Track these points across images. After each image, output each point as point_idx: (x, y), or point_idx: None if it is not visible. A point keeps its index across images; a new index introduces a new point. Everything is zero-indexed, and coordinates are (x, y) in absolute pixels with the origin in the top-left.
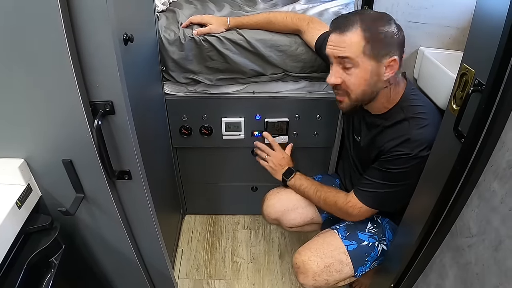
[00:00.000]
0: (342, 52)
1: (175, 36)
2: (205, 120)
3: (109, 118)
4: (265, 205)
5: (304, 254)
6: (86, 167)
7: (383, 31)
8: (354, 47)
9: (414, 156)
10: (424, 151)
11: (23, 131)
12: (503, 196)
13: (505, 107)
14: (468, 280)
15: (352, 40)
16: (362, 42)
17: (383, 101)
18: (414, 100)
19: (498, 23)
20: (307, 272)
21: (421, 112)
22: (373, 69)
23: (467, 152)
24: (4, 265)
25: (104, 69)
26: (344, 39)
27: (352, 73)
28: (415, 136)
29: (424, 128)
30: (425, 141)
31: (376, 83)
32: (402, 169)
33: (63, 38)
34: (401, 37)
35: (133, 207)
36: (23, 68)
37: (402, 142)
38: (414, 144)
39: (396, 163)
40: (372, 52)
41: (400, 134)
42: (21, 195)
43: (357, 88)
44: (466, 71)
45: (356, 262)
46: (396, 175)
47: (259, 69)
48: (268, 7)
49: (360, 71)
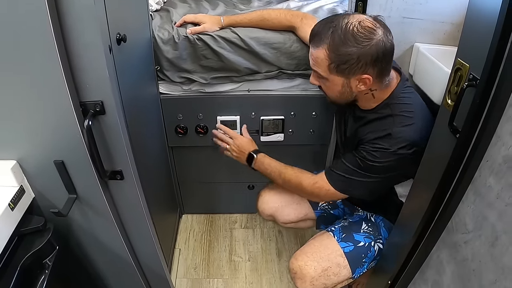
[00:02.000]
0: (313, 65)
1: (169, 35)
2: (201, 119)
3: (100, 118)
4: (260, 201)
5: (301, 259)
6: (78, 168)
7: (352, 52)
8: (321, 64)
9: (392, 152)
10: (404, 149)
11: (14, 133)
12: (499, 191)
13: (500, 101)
14: (465, 276)
15: (319, 56)
16: (326, 61)
17: (367, 102)
18: (403, 99)
19: (492, 18)
20: (304, 278)
21: (407, 110)
22: (343, 83)
23: (462, 147)
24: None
25: (94, 69)
26: (314, 53)
27: (324, 83)
28: (397, 133)
29: (407, 127)
30: (406, 139)
31: (349, 93)
32: (378, 162)
33: (51, 38)
34: (380, 54)
35: (126, 207)
36: (12, 69)
37: (383, 136)
38: (395, 140)
39: (373, 155)
40: (337, 70)
41: (383, 128)
42: (14, 197)
43: (331, 94)
44: (461, 66)
45: (354, 264)
46: (371, 167)
47: (254, 67)
48: (262, 5)
49: (330, 83)
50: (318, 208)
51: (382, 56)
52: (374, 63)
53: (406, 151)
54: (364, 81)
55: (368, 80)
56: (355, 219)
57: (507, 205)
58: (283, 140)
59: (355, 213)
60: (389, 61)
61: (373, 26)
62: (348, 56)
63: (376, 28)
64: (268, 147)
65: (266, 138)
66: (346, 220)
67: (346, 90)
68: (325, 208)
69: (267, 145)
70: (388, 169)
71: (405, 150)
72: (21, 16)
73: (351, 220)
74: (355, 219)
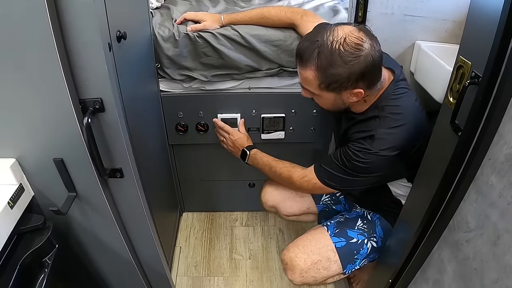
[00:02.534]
0: (303, 83)
1: (169, 32)
2: (201, 116)
3: (100, 115)
4: (263, 191)
5: (292, 251)
6: (77, 166)
7: (339, 72)
8: (311, 83)
9: (374, 153)
10: (387, 151)
11: (13, 131)
12: (501, 190)
13: (502, 99)
14: (467, 275)
15: (308, 77)
16: (316, 81)
17: (359, 106)
18: (392, 101)
19: (494, 14)
20: (294, 269)
21: (395, 112)
22: (335, 98)
23: (464, 145)
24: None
25: (93, 67)
26: (302, 73)
27: (317, 98)
28: (380, 134)
29: (393, 129)
30: (390, 141)
31: (343, 104)
32: (361, 162)
33: (50, 35)
34: (369, 67)
35: (126, 205)
36: (12, 67)
37: (366, 137)
38: (377, 142)
39: (357, 155)
40: (328, 88)
41: (368, 129)
42: (13, 195)
43: (324, 106)
44: (463, 63)
45: (344, 260)
46: (355, 166)
47: (254, 65)
48: (263, 2)
49: (322, 98)
50: (320, 202)
51: (371, 68)
52: (363, 78)
53: (389, 153)
54: (355, 94)
55: (359, 94)
56: (351, 216)
57: (509, 204)
58: (284, 138)
59: (353, 210)
60: (378, 70)
61: (359, 40)
62: (338, 76)
63: (362, 43)
64: (269, 145)
65: (267, 136)
66: (343, 216)
67: (338, 102)
68: (327, 203)
69: (268, 142)
70: (373, 170)
71: (387, 152)
72: (19, 14)
73: (348, 216)
74: (352, 216)
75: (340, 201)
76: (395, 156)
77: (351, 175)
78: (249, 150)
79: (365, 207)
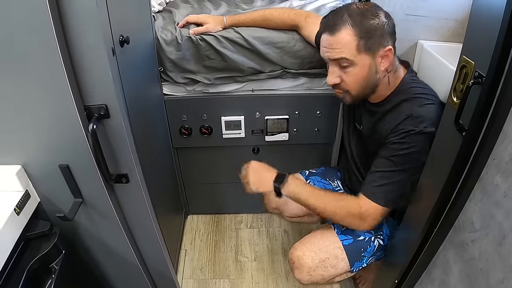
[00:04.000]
0: (338, 53)
1: (172, 36)
2: (205, 119)
3: (104, 121)
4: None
5: (300, 249)
6: (83, 172)
7: (374, 24)
8: (348, 46)
9: (419, 132)
10: (429, 127)
11: (19, 138)
12: (506, 190)
13: (507, 99)
14: (472, 275)
15: (345, 39)
16: (354, 40)
17: (383, 89)
18: (413, 83)
19: (497, 13)
20: (302, 267)
21: (422, 93)
22: (370, 63)
23: (468, 145)
24: (5, 272)
25: (97, 73)
26: (337, 40)
27: (350, 72)
28: (417, 112)
29: (426, 106)
30: (428, 117)
31: (374, 76)
32: (408, 148)
33: (54, 43)
34: (391, 25)
35: (132, 210)
36: (17, 75)
37: (403, 119)
38: (417, 120)
39: (402, 143)
40: (366, 47)
41: (401, 113)
42: (19, 202)
43: (356, 85)
44: (466, 63)
45: (352, 257)
46: (405, 156)
47: (258, 67)
48: (265, 4)
49: (358, 68)
50: None
51: (393, 26)
52: (392, 33)
53: (432, 129)
54: (386, 54)
55: (390, 52)
56: None
57: None
58: (288, 139)
59: None
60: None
61: (375, 5)
62: (374, 28)
63: (379, 7)
64: (273, 147)
65: (271, 137)
66: None
67: (373, 72)
68: None
69: (272, 144)
70: (421, 153)
71: (430, 128)
72: (23, 22)
73: None
74: None
75: None
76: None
77: (405, 171)
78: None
79: None
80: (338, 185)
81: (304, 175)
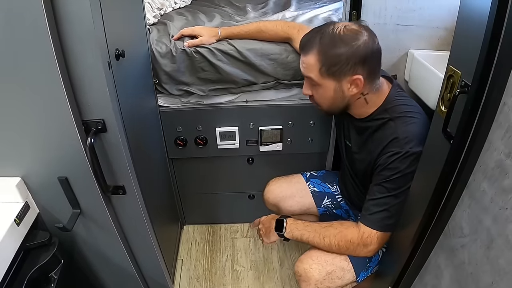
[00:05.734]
0: (306, 72)
1: (166, 48)
2: (200, 130)
3: (102, 135)
4: (266, 190)
5: (306, 262)
6: (81, 184)
7: (340, 53)
8: (312, 69)
9: (405, 154)
10: (415, 147)
11: (19, 151)
12: (492, 195)
13: (491, 107)
14: (463, 279)
15: (311, 62)
16: (317, 65)
17: (361, 107)
18: (398, 101)
19: (481, 24)
20: (309, 280)
21: (406, 111)
22: (335, 87)
23: (456, 153)
24: (5, 281)
25: (94, 89)
26: (305, 60)
27: (317, 90)
28: (402, 133)
29: (411, 125)
30: (413, 137)
31: (341, 98)
32: (398, 173)
33: (53, 61)
34: (369, 53)
35: (129, 221)
36: (17, 91)
37: (389, 142)
38: (403, 141)
39: (390, 168)
40: (328, 73)
41: (388, 134)
42: (19, 213)
43: (324, 102)
44: (453, 72)
45: (358, 268)
46: (393, 182)
47: (251, 78)
48: (258, 15)
49: (323, 89)
50: (321, 206)
51: (370, 55)
52: (363, 63)
53: (418, 148)
54: (355, 82)
55: (359, 81)
56: None
57: (500, 209)
58: (282, 149)
59: (358, 216)
60: (377, 62)
61: (358, 29)
62: (338, 57)
63: (361, 31)
64: (268, 157)
65: (265, 148)
66: None
67: (339, 94)
68: (328, 207)
69: (266, 155)
70: (411, 174)
71: (417, 148)
72: (24, 42)
73: None
74: None
75: (340, 206)
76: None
77: (400, 194)
78: (285, 218)
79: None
80: (337, 190)
81: (305, 177)
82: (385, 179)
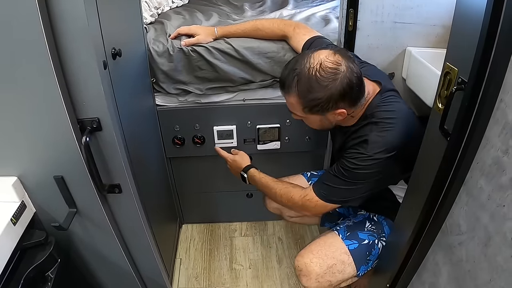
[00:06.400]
0: (290, 108)
1: (163, 47)
2: (197, 129)
3: (97, 134)
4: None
5: (306, 257)
6: (77, 183)
7: (317, 98)
8: (296, 108)
9: (369, 157)
10: (382, 154)
11: (15, 150)
12: (490, 192)
13: (488, 104)
14: (460, 277)
15: (293, 102)
16: (300, 105)
17: (349, 121)
18: (382, 107)
19: (477, 21)
20: (310, 275)
21: (387, 117)
22: (321, 118)
23: (453, 150)
24: (2, 280)
25: (89, 88)
26: (287, 99)
27: (305, 120)
28: (373, 137)
29: (385, 132)
30: (384, 144)
31: (329, 123)
32: (358, 169)
33: (48, 59)
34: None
35: (126, 219)
36: (12, 90)
37: (360, 142)
38: (371, 145)
39: (352, 162)
40: (312, 111)
41: (361, 135)
42: (15, 212)
43: (313, 126)
44: (450, 70)
45: (358, 261)
46: (353, 174)
47: (248, 77)
48: (255, 14)
49: (309, 120)
50: None
51: (349, 89)
52: (343, 99)
53: (384, 155)
54: (339, 114)
55: (342, 113)
56: (358, 219)
57: (498, 206)
58: (279, 148)
59: (358, 213)
60: (358, 89)
61: (334, 64)
62: (318, 100)
63: (337, 66)
64: (265, 155)
65: (263, 146)
66: (350, 220)
67: (325, 123)
68: None
69: (264, 153)
70: (371, 175)
71: (382, 155)
72: (19, 41)
73: (355, 220)
74: (359, 219)
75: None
76: (390, 159)
77: (351, 184)
78: (246, 172)
79: (370, 210)
80: None
81: (306, 177)
82: (343, 166)
